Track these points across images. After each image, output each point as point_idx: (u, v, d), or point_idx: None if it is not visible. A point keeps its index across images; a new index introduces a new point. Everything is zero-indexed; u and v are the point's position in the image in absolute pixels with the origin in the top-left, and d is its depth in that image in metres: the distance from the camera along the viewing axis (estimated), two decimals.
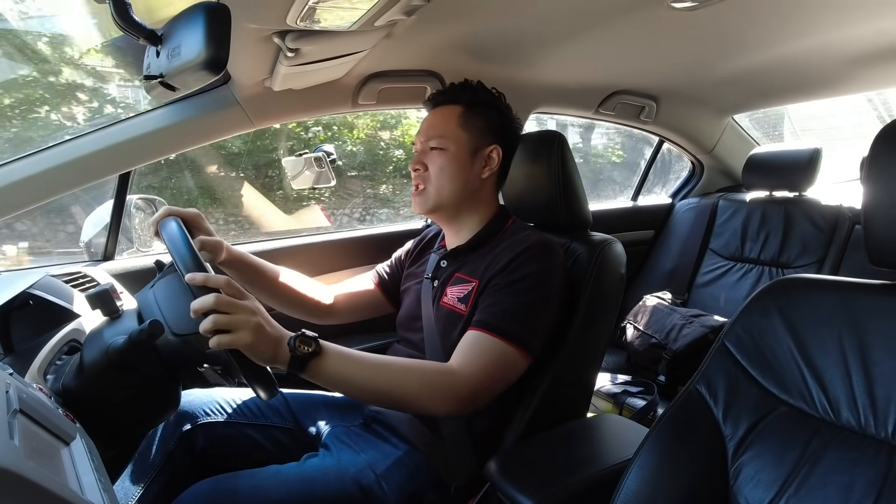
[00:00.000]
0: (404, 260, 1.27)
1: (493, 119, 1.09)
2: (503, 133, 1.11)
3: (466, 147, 1.07)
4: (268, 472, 0.92)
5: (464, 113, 1.08)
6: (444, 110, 1.09)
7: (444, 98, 1.11)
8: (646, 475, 0.74)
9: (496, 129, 1.09)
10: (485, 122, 1.08)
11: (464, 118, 1.07)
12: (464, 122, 1.07)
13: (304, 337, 0.76)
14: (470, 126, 1.07)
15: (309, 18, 0.84)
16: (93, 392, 0.71)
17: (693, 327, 1.66)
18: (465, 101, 1.09)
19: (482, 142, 1.08)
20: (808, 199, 1.90)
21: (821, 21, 1.21)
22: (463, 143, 1.06)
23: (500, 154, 1.09)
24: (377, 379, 0.83)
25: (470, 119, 1.07)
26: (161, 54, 0.83)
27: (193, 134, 1.22)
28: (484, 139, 1.08)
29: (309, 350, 0.76)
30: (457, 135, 1.07)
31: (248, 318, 0.72)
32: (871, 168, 0.65)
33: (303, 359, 0.76)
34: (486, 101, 1.10)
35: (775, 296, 0.74)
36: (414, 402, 0.85)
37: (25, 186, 1.06)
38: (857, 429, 0.64)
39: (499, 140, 1.09)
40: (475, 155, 1.07)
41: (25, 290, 0.81)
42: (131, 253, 1.36)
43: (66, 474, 0.47)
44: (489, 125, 1.09)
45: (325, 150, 1.45)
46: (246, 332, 0.70)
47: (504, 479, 0.86)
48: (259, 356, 0.72)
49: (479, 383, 0.88)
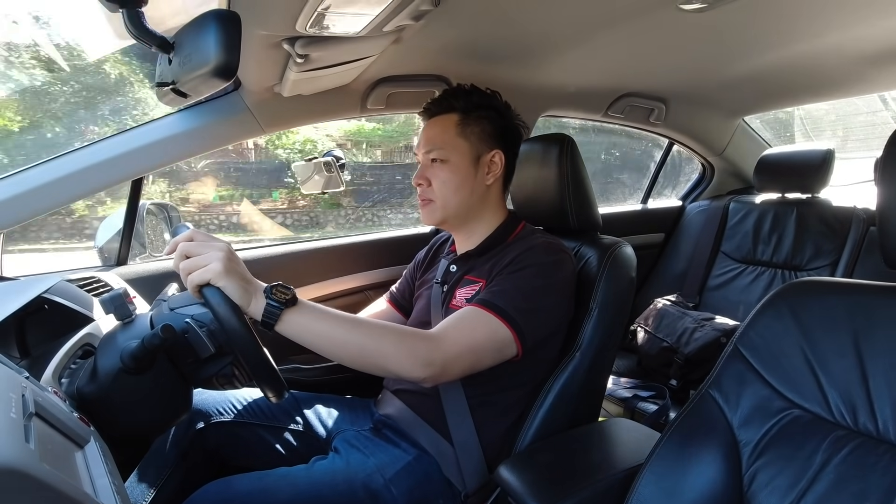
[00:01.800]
0: (415, 271, 1.27)
1: (492, 122, 1.08)
2: (504, 135, 1.09)
3: (467, 156, 1.05)
4: (276, 474, 0.92)
5: (461, 121, 1.06)
6: (441, 120, 1.08)
7: (439, 107, 1.09)
8: (658, 480, 0.73)
9: (496, 133, 1.08)
10: (483, 126, 1.07)
11: (461, 126, 1.06)
12: (462, 131, 1.06)
13: (281, 286, 0.76)
14: (468, 133, 1.06)
15: (318, 25, 0.85)
16: (106, 395, 0.72)
17: (705, 331, 1.64)
18: (460, 109, 1.07)
19: (483, 148, 1.06)
20: (821, 200, 1.87)
21: (831, 21, 1.20)
22: (463, 152, 1.05)
23: (502, 158, 1.08)
24: (352, 334, 0.80)
25: (468, 126, 1.06)
26: (173, 62, 0.84)
27: (204, 140, 1.24)
28: (484, 145, 1.07)
29: (286, 297, 0.75)
30: (456, 144, 1.05)
31: (216, 252, 0.73)
32: (886, 169, 0.65)
33: (278, 307, 0.74)
34: (483, 104, 1.08)
35: (788, 299, 0.73)
36: (387, 362, 0.81)
37: (40, 193, 1.08)
38: (875, 434, 0.62)
39: (500, 144, 1.08)
40: (477, 162, 1.06)
41: (41, 295, 0.82)
42: (144, 258, 1.37)
43: (80, 477, 0.48)
44: (488, 129, 1.07)
45: (335, 155, 1.45)
46: (216, 263, 0.71)
47: (515, 484, 0.85)
48: (234, 291, 0.72)
49: (457, 353, 0.86)
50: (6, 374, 0.50)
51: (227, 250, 0.74)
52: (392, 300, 1.27)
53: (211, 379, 0.80)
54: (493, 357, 0.90)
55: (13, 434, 0.40)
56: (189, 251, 0.74)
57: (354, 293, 1.61)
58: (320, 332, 0.78)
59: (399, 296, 1.26)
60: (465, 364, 0.88)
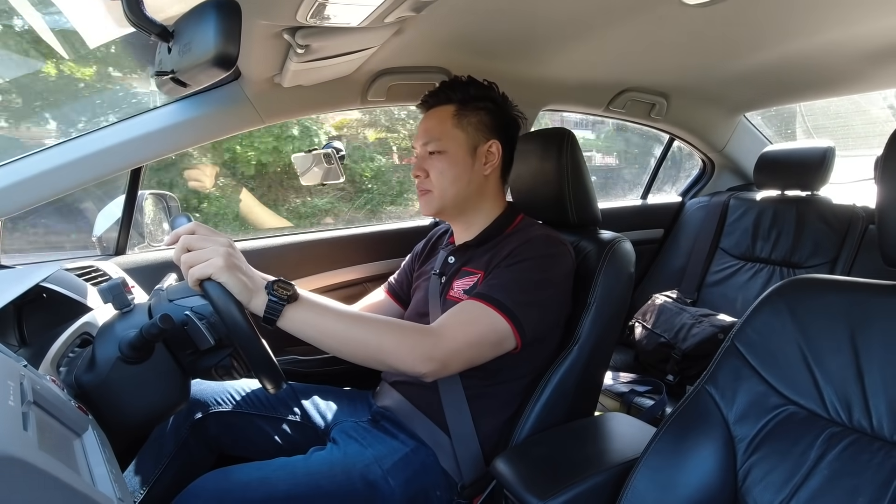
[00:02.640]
0: (414, 263, 1.27)
1: (489, 112, 1.08)
2: (501, 125, 1.09)
3: (464, 146, 1.05)
4: (275, 464, 0.92)
5: (457, 112, 1.06)
6: (438, 111, 1.08)
7: (436, 99, 1.09)
8: (654, 475, 0.74)
9: (492, 124, 1.08)
10: (480, 117, 1.07)
11: (458, 117, 1.06)
12: (458, 122, 1.06)
13: (282, 282, 0.76)
14: (465, 124, 1.06)
15: (319, 15, 0.84)
16: (104, 384, 0.72)
17: (702, 327, 1.65)
18: (457, 100, 1.07)
19: (480, 138, 1.07)
20: (821, 198, 1.87)
21: (834, 17, 1.19)
22: (460, 142, 1.05)
23: (499, 148, 1.08)
24: (353, 330, 0.81)
25: (465, 117, 1.06)
26: (173, 50, 0.84)
27: (203, 130, 1.23)
28: (481, 135, 1.07)
29: (287, 293, 0.76)
30: (453, 135, 1.05)
31: (218, 247, 0.73)
32: (886, 167, 0.65)
33: (279, 302, 0.75)
34: (480, 95, 1.08)
35: (786, 296, 0.73)
36: (388, 358, 0.83)
37: (40, 181, 1.08)
38: (869, 431, 0.63)
39: (497, 134, 1.08)
40: (474, 153, 1.06)
41: (39, 284, 0.82)
42: (143, 247, 1.37)
43: (78, 465, 0.48)
44: (485, 120, 1.07)
45: (335, 147, 1.45)
46: (218, 258, 0.71)
47: (511, 476, 0.86)
48: (235, 287, 0.72)
49: (457, 347, 0.87)
50: (4, 363, 0.50)
51: (228, 245, 0.74)
52: (390, 291, 1.27)
53: (210, 370, 0.80)
54: (493, 350, 0.91)
55: (11, 422, 0.40)
56: (191, 244, 0.73)
57: (352, 285, 1.61)
58: (321, 328, 0.79)
59: (397, 287, 1.27)
60: (466, 358, 0.88)
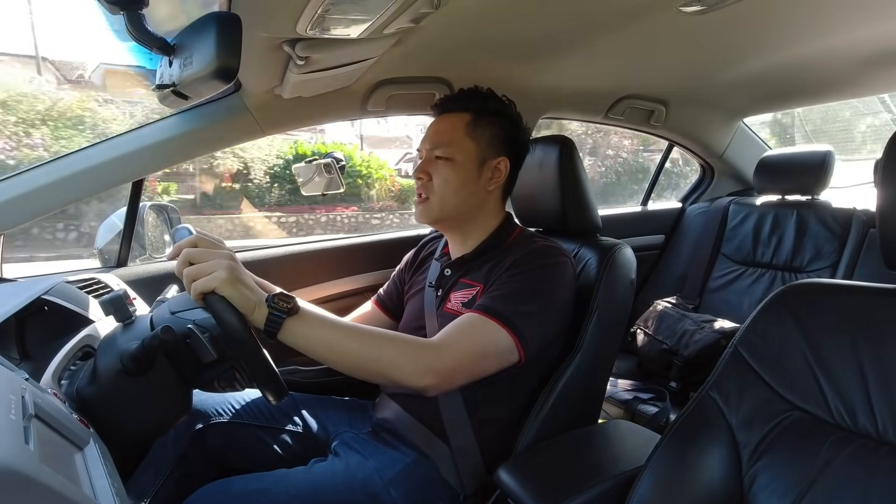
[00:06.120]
0: (404, 273, 1.25)
1: (503, 129, 1.05)
2: (512, 144, 1.07)
3: (473, 158, 1.03)
4: (275, 475, 0.92)
5: (472, 121, 1.04)
6: (452, 118, 1.06)
7: (452, 105, 1.07)
8: (658, 482, 0.73)
9: (505, 140, 1.05)
10: (494, 132, 1.04)
11: (472, 127, 1.03)
12: (472, 132, 1.03)
13: (283, 294, 0.76)
14: (478, 136, 1.03)
15: (319, 27, 0.85)
16: (106, 397, 0.72)
17: (705, 333, 1.64)
18: (474, 109, 1.04)
19: (490, 153, 1.04)
20: (821, 202, 1.87)
21: (832, 23, 1.20)
22: (470, 153, 1.03)
23: (507, 166, 1.06)
24: (354, 343, 0.80)
25: (478, 128, 1.03)
26: (173, 64, 0.84)
27: (205, 142, 1.24)
28: (492, 150, 1.04)
29: (288, 306, 0.75)
30: (464, 144, 1.03)
31: (221, 259, 0.72)
32: (886, 171, 0.65)
33: (280, 315, 0.74)
34: (497, 110, 1.06)
35: (789, 300, 0.73)
36: (389, 372, 0.81)
37: (41, 195, 1.08)
38: (875, 435, 0.62)
39: (507, 152, 1.06)
40: (482, 166, 1.04)
41: (41, 297, 0.82)
42: (144, 259, 1.37)
43: (79, 478, 0.47)
44: (498, 135, 1.05)
45: (335, 157, 1.45)
46: (221, 272, 0.71)
47: (515, 486, 0.85)
48: (239, 300, 0.72)
49: (459, 361, 0.85)
50: (6, 376, 0.50)
51: (231, 258, 0.74)
52: (379, 302, 1.25)
53: (212, 382, 0.80)
54: (496, 364, 0.89)
55: (13, 435, 0.40)
56: (193, 258, 0.73)
57: (350, 296, 1.58)
58: (321, 341, 0.79)
59: (386, 298, 1.25)
60: (468, 372, 0.87)
